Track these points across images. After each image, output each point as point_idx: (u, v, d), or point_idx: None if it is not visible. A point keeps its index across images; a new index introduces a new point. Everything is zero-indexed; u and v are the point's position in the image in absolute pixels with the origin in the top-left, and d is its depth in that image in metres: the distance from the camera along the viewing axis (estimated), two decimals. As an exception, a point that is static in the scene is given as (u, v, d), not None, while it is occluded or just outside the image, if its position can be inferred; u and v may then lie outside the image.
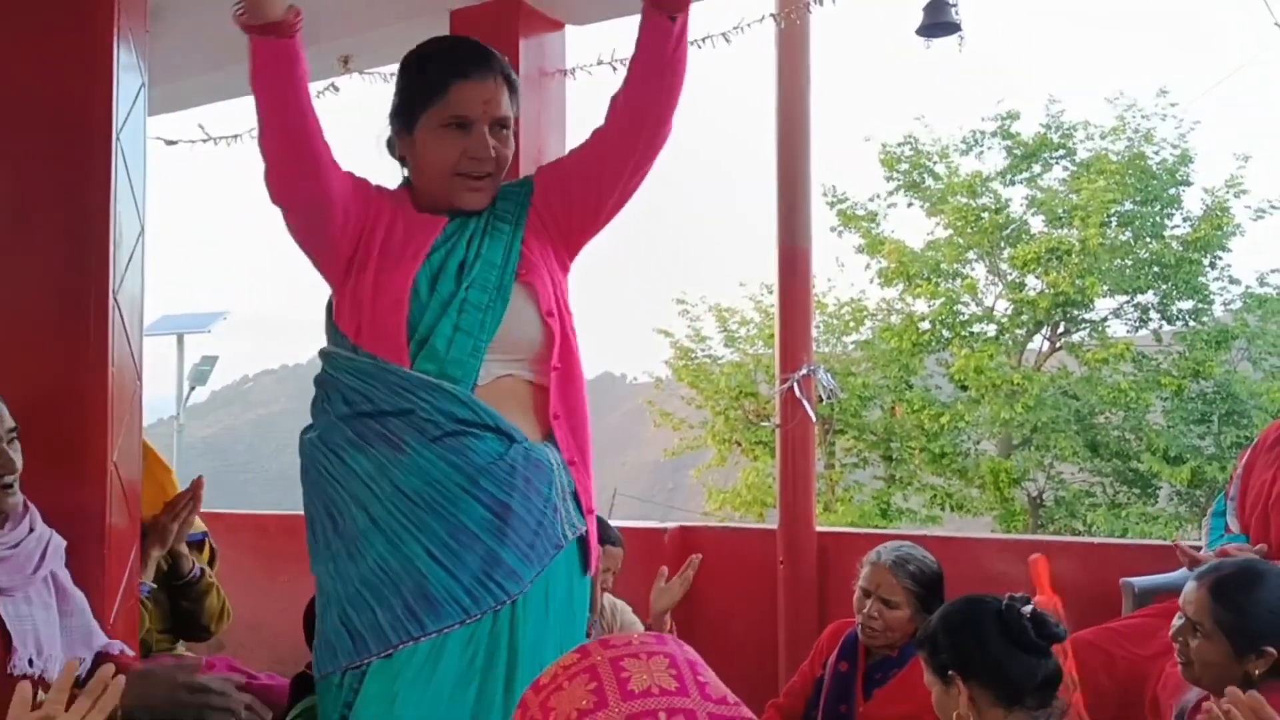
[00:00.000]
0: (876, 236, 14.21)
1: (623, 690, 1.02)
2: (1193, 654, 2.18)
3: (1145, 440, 12.89)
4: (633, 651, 1.06)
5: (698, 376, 14.51)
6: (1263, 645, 2.10)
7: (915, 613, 2.83)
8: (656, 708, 1.00)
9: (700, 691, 1.03)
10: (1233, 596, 2.15)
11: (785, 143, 3.93)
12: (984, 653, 1.99)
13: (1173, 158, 13.55)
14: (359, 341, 1.90)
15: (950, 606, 2.13)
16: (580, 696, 1.03)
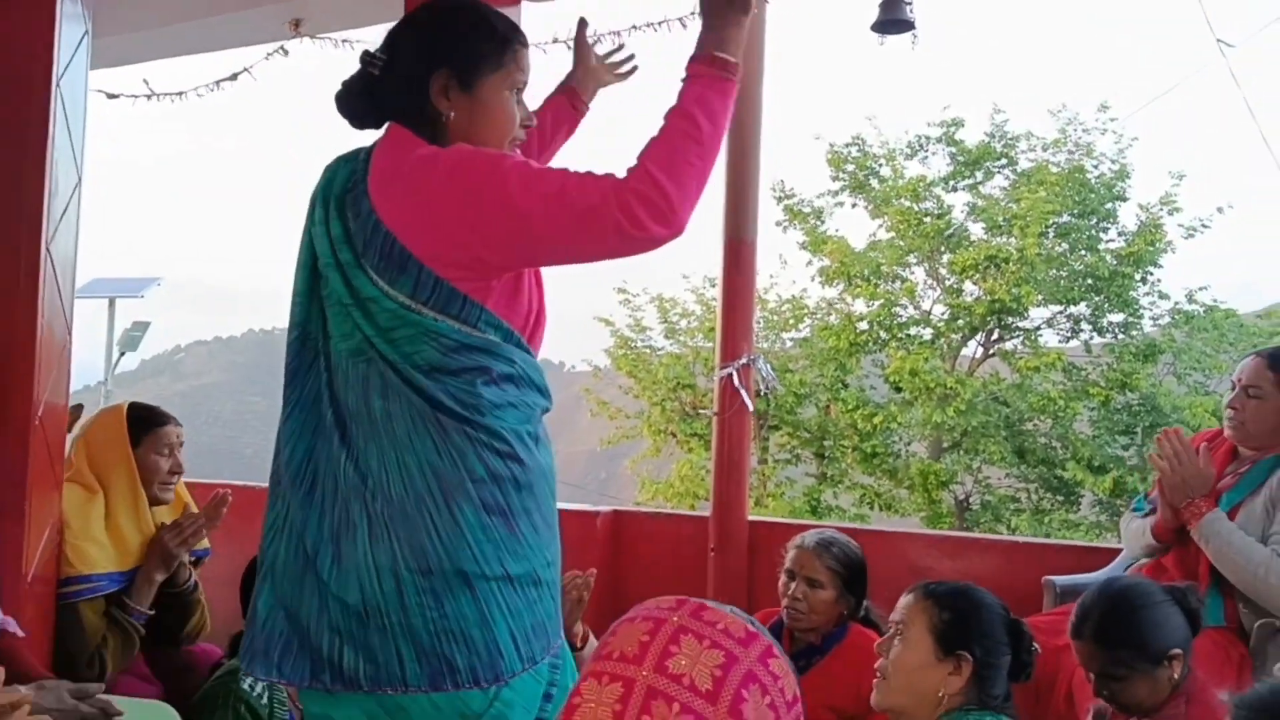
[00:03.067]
0: (820, 235, 14.32)
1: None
2: (1122, 694, 2.19)
3: (1071, 449, 13.16)
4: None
5: (636, 366, 14.54)
6: (1171, 652, 2.15)
7: (839, 595, 2.87)
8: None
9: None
10: (1123, 635, 2.19)
11: (735, 136, 3.93)
12: (997, 655, 1.99)
13: (1111, 172, 13.82)
14: (528, 339, 1.84)
15: (981, 593, 2.07)
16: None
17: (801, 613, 2.86)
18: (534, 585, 1.79)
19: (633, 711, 1.03)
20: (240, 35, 3.89)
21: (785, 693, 1.08)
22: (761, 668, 1.07)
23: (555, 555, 1.84)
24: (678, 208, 1.65)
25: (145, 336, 13.34)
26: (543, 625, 1.80)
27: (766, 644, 1.09)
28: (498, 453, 1.77)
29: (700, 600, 1.12)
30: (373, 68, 1.87)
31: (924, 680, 1.97)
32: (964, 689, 1.96)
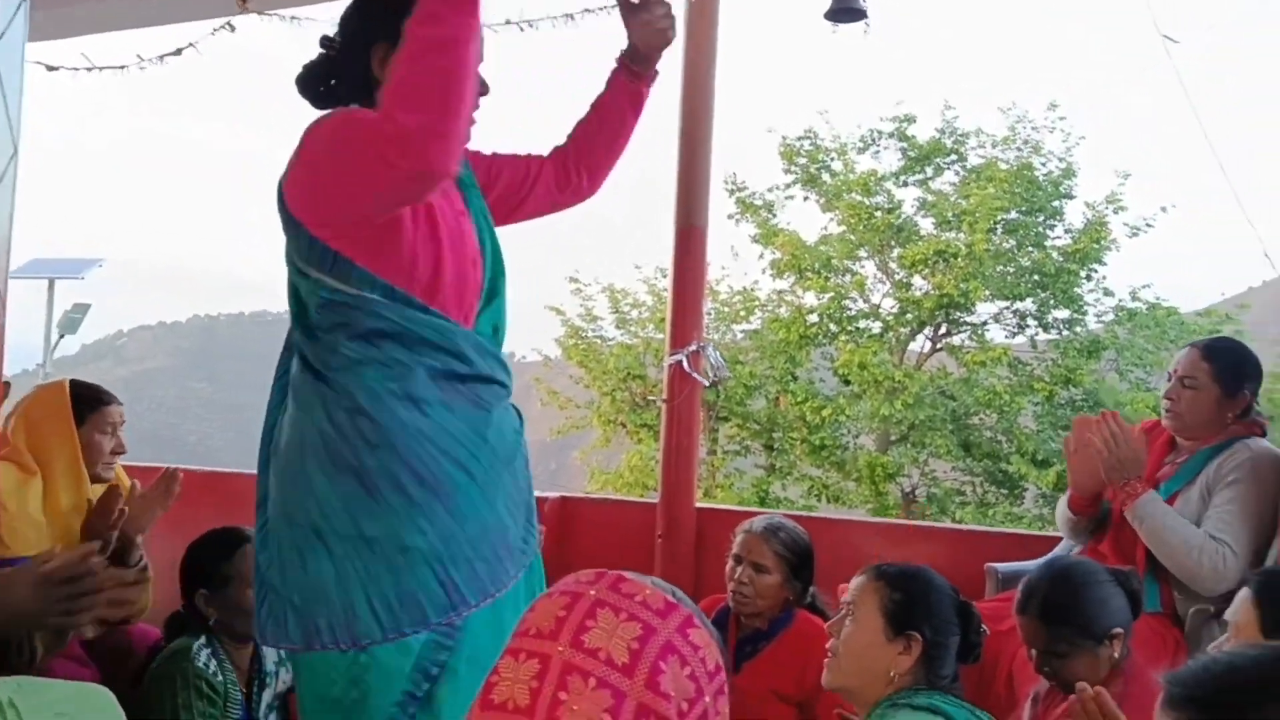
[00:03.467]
0: (772, 227, 14.38)
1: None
2: (1063, 671, 2.22)
3: (1016, 443, 13.31)
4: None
5: (587, 356, 14.52)
6: (1111, 631, 2.20)
7: (785, 580, 2.89)
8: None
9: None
10: (1062, 608, 2.24)
11: (688, 120, 3.93)
12: (947, 636, 2.01)
13: (1058, 170, 13.98)
14: (430, 299, 1.83)
15: (932, 574, 2.09)
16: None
17: (747, 597, 2.87)
18: (400, 552, 1.78)
19: (549, 688, 1.02)
20: (186, 9, 3.82)
21: (707, 663, 1.07)
22: (681, 638, 1.06)
23: (442, 525, 1.80)
24: (419, 133, 1.64)
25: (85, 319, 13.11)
26: (414, 598, 1.78)
27: (686, 614, 1.09)
28: (344, 409, 1.80)
29: (619, 573, 1.11)
30: (331, 50, 1.92)
31: (874, 660, 1.99)
32: (913, 669, 1.97)
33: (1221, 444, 2.77)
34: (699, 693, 1.06)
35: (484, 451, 1.87)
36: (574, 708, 1.01)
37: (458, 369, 1.85)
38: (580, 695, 1.01)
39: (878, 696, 1.98)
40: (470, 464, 1.85)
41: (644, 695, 1.02)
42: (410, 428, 1.80)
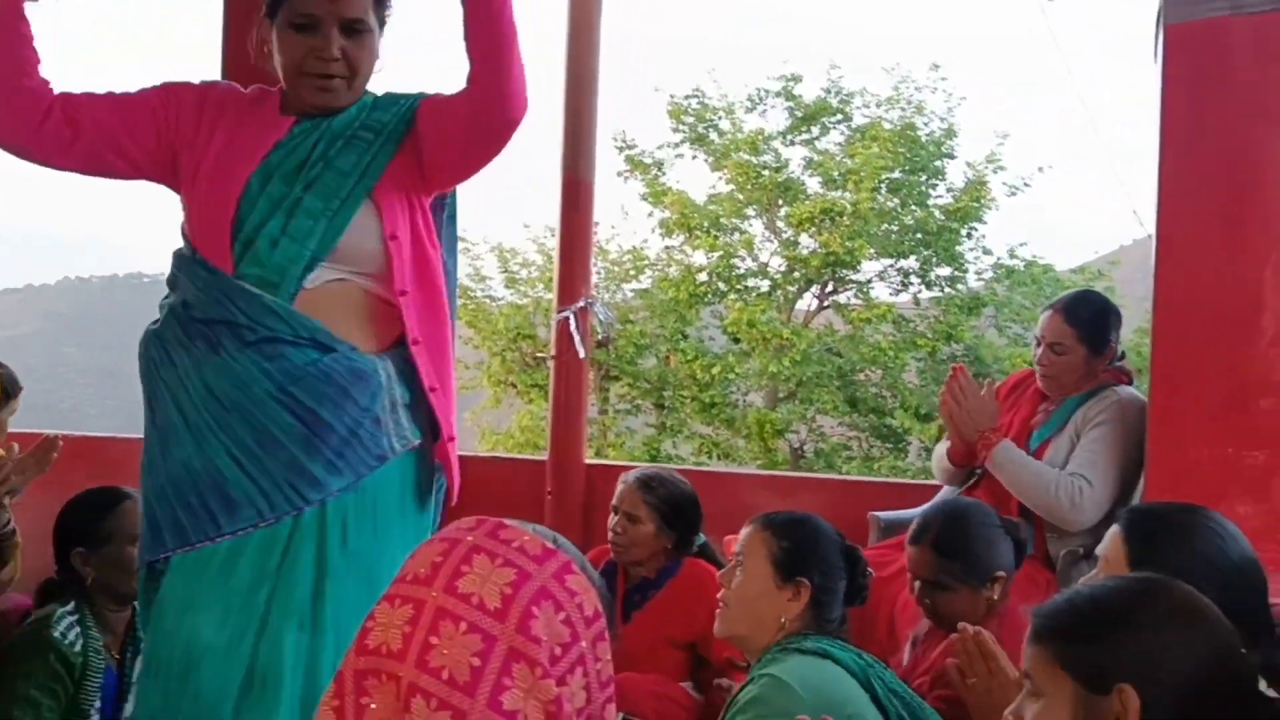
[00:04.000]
0: (660, 186, 14.40)
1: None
2: (939, 607, 2.31)
3: (900, 398, 13.63)
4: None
5: (476, 317, 14.39)
6: (996, 572, 2.28)
7: (658, 529, 2.92)
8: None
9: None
10: (967, 546, 2.33)
11: (573, 73, 3.89)
12: (834, 580, 2.05)
13: (940, 130, 14.26)
14: (195, 244, 1.94)
15: (818, 521, 2.13)
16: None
17: (622, 546, 2.91)
18: (145, 481, 1.94)
19: (421, 632, 1.02)
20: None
21: (584, 608, 1.08)
22: (557, 584, 1.06)
23: (157, 464, 1.91)
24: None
25: (-52, 282, 12.52)
26: (145, 531, 1.94)
27: (564, 560, 1.09)
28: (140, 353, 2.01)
29: (500, 520, 1.11)
30: None
31: (764, 607, 2.02)
32: (802, 614, 2.01)
33: (1090, 391, 2.88)
34: (574, 637, 1.06)
35: (201, 395, 1.88)
36: (444, 651, 1.01)
37: (194, 313, 1.91)
38: (451, 639, 1.01)
39: (768, 643, 2.01)
40: (185, 406, 1.89)
41: (515, 640, 1.02)
42: (153, 368, 1.94)
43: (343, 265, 1.94)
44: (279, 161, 1.93)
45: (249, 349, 1.87)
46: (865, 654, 1.99)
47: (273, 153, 1.93)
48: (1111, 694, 1.17)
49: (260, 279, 1.89)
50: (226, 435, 1.86)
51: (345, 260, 1.94)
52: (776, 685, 1.85)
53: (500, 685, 1.00)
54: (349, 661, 1.06)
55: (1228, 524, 1.75)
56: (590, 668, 1.07)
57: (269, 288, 1.89)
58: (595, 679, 1.07)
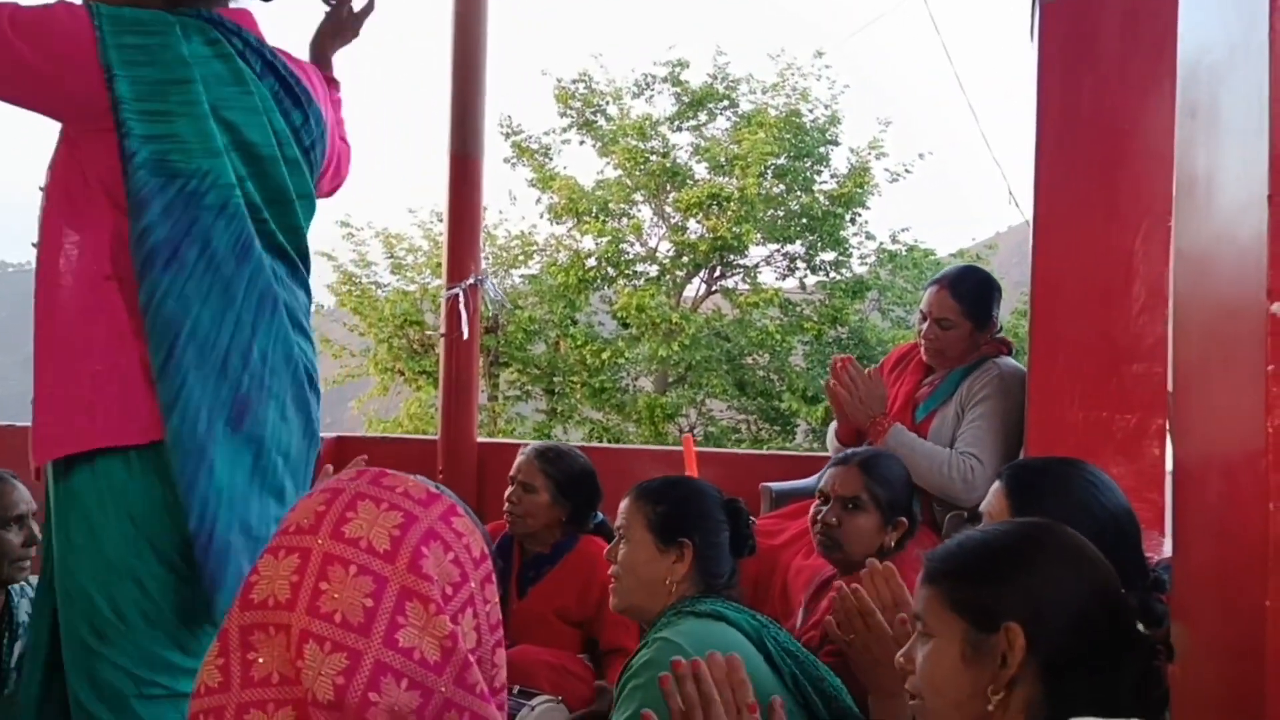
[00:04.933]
0: (549, 172, 14.33)
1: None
2: (845, 532, 2.37)
3: (787, 381, 13.81)
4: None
5: (362, 303, 14.15)
6: (900, 516, 2.35)
7: (553, 499, 2.93)
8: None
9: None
10: (885, 475, 2.41)
11: (459, 53, 3.85)
12: (716, 536, 2.06)
13: (824, 117, 14.46)
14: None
15: (691, 481, 2.17)
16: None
17: (517, 516, 2.90)
18: None
19: (309, 579, 1.01)
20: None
21: (471, 550, 1.08)
22: (444, 525, 1.06)
23: None
24: None
25: None
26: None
27: (449, 504, 1.09)
28: None
29: (381, 469, 1.11)
30: None
31: (651, 574, 2.03)
32: (689, 574, 2.02)
33: (973, 364, 2.95)
34: (464, 578, 1.05)
35: None
36: (335, 596, 0.99)
37: None
38: (341, 583, 1.00)
39: (659, 608, 2.02)
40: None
41: (406, 579, 1.01)
42: None
43: None
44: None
45: None
46: (760, 615, 2.01)
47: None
48: (999, 632, 1.21)
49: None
50: None
51: None
52: (669, 647, 1.85)
53: (395, 624, 0.99)
54: (233, 618, 1.04)
55: (1103, 475, 1.82)
56: (480, 609, 1.06)
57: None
58: (485, 621, 1.07)
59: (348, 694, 0.96)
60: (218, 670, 1.01)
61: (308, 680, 0.97)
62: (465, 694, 1.02)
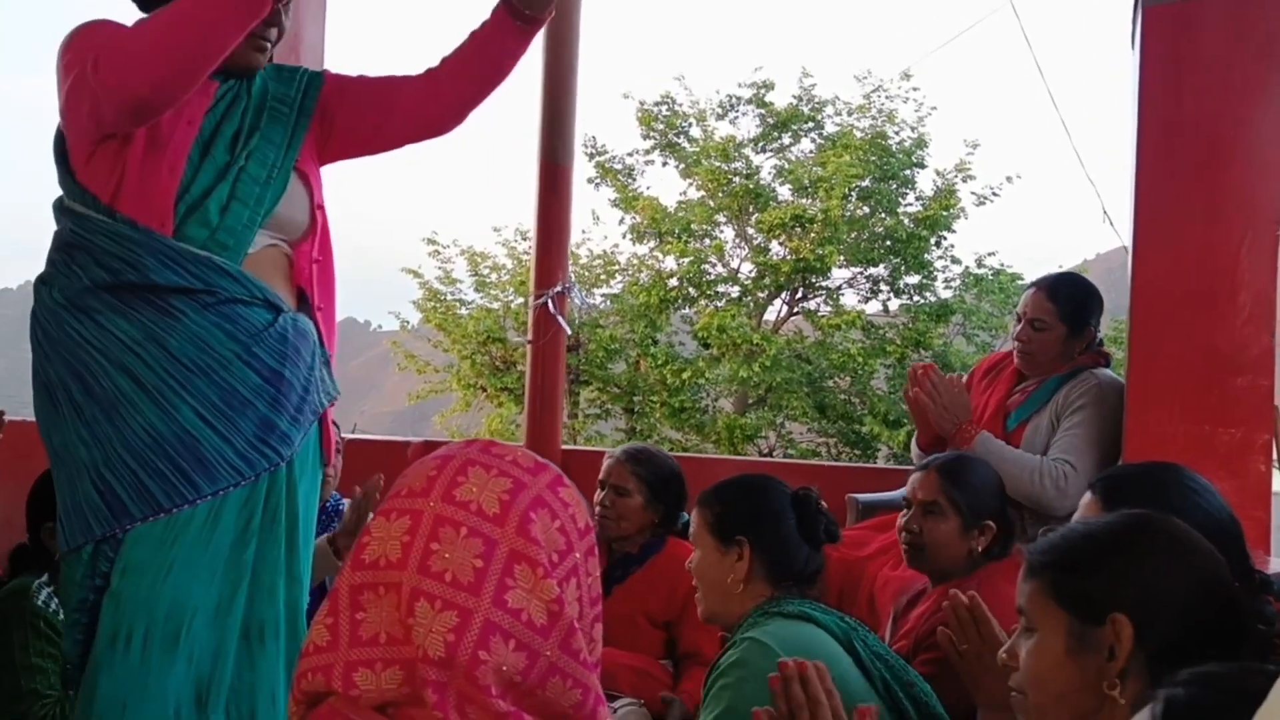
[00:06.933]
0: (632, 192, 14.42)
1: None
2: (927, 537, 2.32)
3: (869, 404, 13.69)
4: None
5: (446, 320, 14.35)
6: (985, 520, 2.29)
7: (646, 502, 2.92)
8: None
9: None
10: (963, 477, 2.35)
11: (551, 62, 3.89)
12: (779, 529, 2.02)
13: (911, 140, 14.36)
14: (116, 204, 1.86)
15: (748, 478, 2.12)
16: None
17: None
18: (70, 459, 1.85)
19: (420, 540, 1.03)
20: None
21: (577, 520, 1.09)
22: (551, 494, 1.08)
23: (102, 434, 1.83)
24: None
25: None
26: (80, 506, 1.84)
27: (556, 474, 1.10)
28: (39, 324, 1.90)
29: (490, 439, 1.12)
30: None
31: (716, 577, 2.02)
32: (751, 572, 1.99)
33: (1069, 373, 2.89)
34: (569, 547, 1.07)
35: (159, 360, 1.84)
36: (445, 555, 1.01)
37: (130, 278, 1.84)
38: (452, 544, 1.02)
39: (741, 610, 2.00)
40: (141, 372, 1.83)
41: (515, 542, 1.03)
42: (77, 337, 1.85)
43: (274, 232, 1.98)
44: (213, 129, 1.93)
45: (208, 311, 1.86)
46: (848, 617, 1.98)
47: (206, 119, 1.93)
48: (1105, 623, 1.18)
49: (209, 241, 1.88)
50: (195, 398, 1.84)
51: (277, 227, 1.98)
52: (757, 648, 1.84)
53: (503, 585, 1.00)
54: (344, 578, 1.06)
55: (1202, 479, 1.76)
56: (583, 580, 1.07)
57: (219, 249, 1.88)
58: (586, 593, 1.08)
59: (458, 651, 0.98)
60: (326, 629, 1.03)
61: (418, 637, 0.99)
62: (569, 660, 1.03)
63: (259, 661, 1.89)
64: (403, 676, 1.00)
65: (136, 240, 1.84)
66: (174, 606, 1.82)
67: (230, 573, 1.87)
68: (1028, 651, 1.26)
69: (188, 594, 1.83)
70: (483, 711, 0.99)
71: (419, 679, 0.99)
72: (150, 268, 1.83)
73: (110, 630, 1.82)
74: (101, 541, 1.83)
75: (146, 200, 1.86)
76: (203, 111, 1.92)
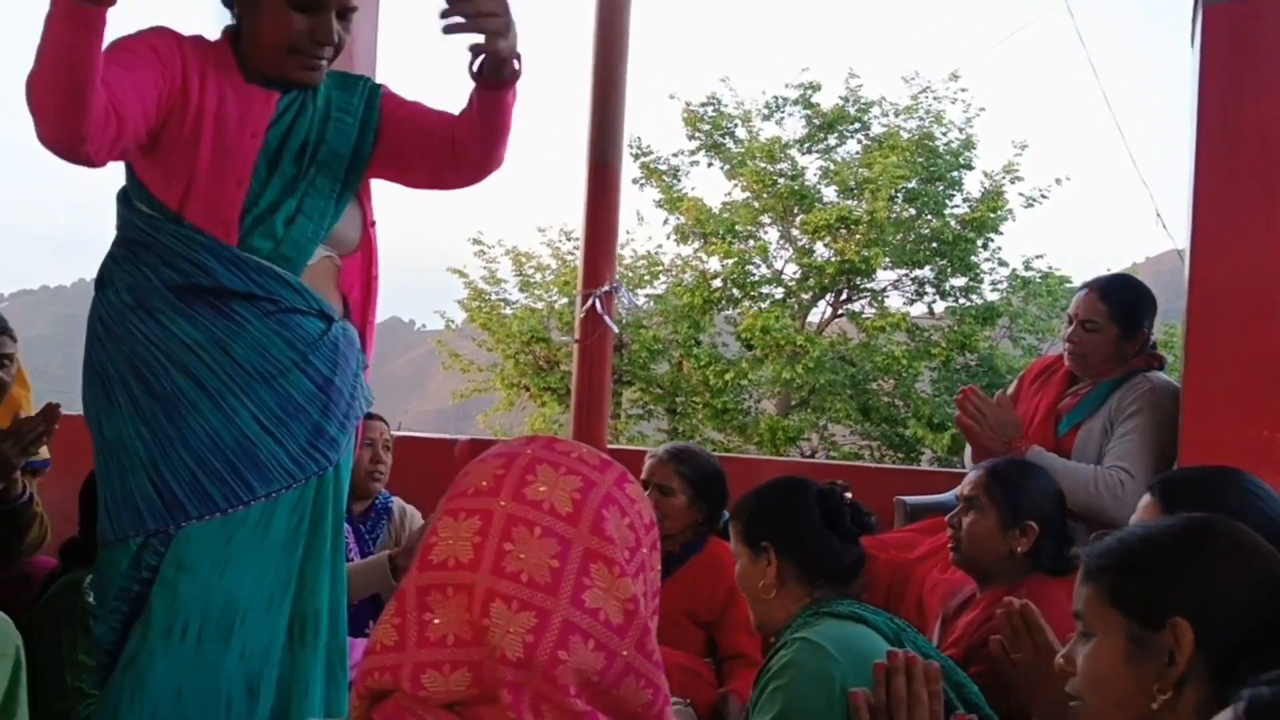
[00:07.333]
0: (676, 193, 14.42)
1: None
2: (964, 531, 2.30)
3: (913, 407, 13.59)
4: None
5: (490, 319, 14.42)
6: (1026, 520, 2.26)
7: (690, 501, 2.92)
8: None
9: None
10: (1007, 474, 2.33)
11: (601, 60, 3.90)
12: (800, 530, 1.99)
13: (958, 141, 14.24)
14: (184, 212, 1.89)
15: (773, 482, 2.11)
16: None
17: None
18: (123, 452, 1.88)
19: (493, 540, 1.02)
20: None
21: (643, 515, 1.09)
22: (619, 490, 1.08)
23: (162, 433, 1.86)
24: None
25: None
26: (132, 499, 1.87)
27: (621, 470, 1.10)
28: (98, 316, 1.93)
29: (550, 435, 1.12)
30: None
31: (751, 585, 2.01)
32: (780, 576, 1.97)
33: (1123, 377, 2.85)
34: (638, 543, 1.07)
35: (223, 364, 1.88)
36: (521, 556, 1.01)
37: (201, 281, 1.88)
38: (526, 544, 1.01)
39: (784, 615, 1.98)
40: (203, 375, 1.87)
41: (590, 541, 1.03)
42: (140, 335, 1.88)
43: (332, 247, 2.01)
44: (279, 141, 1.94)
45: (268, 319, 1.90)
46: (897, 618, 1.97)
47: (271, 131, 1.93)
48: (1165, 628, 1.17)
49: (273, 253, 1.91)
50: (253, 403, 1.88)
51: (333, 243, 2.00)
52: (811, 648, 1.83)
53: (581, 584, 1.00)
54: (411, 579, 1.05)
55: (1263, 483, 1.73)
56: (649, 575, 1.07)
57: (282, 262, 1.92)
58: (650, 588, 1.08)
59: (537, 652, 0.98)
60: (393, 629, 1.03)
61: (494, 638, 0.98)
62: (644, 660, 1.03)
63: (299, 655, 1.94)
64: (472, 678, 1.00)
65: (205, 245, 1.88)
66: (228, 602, 1.87)
67: (281, 571, 1.92)
68: (1085, 656, 1.24)
69: (241, 590, 1.88)
70: (560, 711, 0.98)
71: (492, 679, 0.99)
72: (219, 272, 1.87)
73: (165, 622, 1.86)
74: (152, 535, 1.87)
75: (213, 211, 1.89)
76: (266, 123, 1.93)
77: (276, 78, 1.95)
